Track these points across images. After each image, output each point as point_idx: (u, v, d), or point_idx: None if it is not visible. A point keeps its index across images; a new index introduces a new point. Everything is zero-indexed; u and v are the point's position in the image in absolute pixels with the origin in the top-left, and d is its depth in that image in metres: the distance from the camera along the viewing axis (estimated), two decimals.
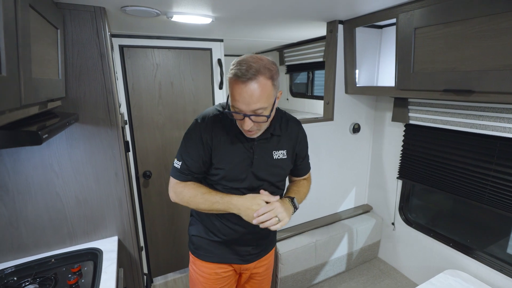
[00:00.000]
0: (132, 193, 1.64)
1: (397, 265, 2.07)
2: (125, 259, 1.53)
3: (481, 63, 1.08)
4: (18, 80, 0.65)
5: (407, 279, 1.96)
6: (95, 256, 1.30)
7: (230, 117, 0.99)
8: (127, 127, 2.07)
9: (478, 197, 1.48)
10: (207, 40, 2.21)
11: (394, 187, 2.00)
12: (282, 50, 3.03)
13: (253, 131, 0.99)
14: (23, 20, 0.67)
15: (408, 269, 1.99)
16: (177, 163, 1.08)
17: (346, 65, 1.79)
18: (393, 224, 2.04)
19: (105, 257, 1.28)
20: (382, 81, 1.92)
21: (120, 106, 1.60)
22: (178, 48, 2.14)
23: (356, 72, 1.78)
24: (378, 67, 1.92)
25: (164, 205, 2.34)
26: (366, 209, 2.20)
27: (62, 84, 1.14)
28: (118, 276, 1.22)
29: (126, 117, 2.06)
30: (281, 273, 1.79)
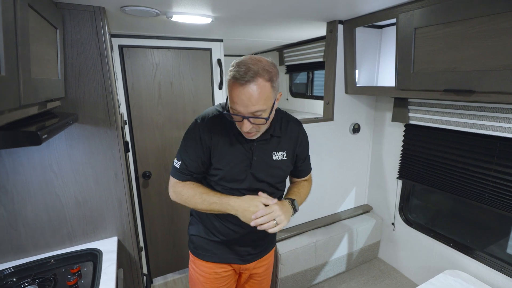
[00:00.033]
0: (131, 193, 1.64)
1: (397, 265, 2.07)
2: (124, 260, 1.53)
3: (481, 63, 1.08)
4: (17, 80, 0.65)
5: (407, 279, 1.96)
6: (94, 256, 1.30)
7: (229, 119, 0.98)
8: (126, 127, 2.06)
9: (478, 197, 1.48)
10: (207, 40, 2.21)
11: (394, 187, 2.00)
12: (282, 50, 3.03)
13: (252, 133, 0.99)
14: (22, 20, 0.67)
15: (408, 269, 1.99)
16: (177, 163, 1.08)
17: (346, 65, 1.78)
18: (393, 224, 2.04)
19: (104, 258, 1.28)
20: (382, 81, 1.92)
21: (119, 106, 1.59)
22: (178, 48, 2.14)
23: (356, 72, 1.78)
24: (378, 67, 1.92)
25: (163, 206, 2.34)
26: (366, 209, 2.19)
27: (62, 84, 1.14)
28: (117, 276, 1.22)
29: (125, 117, 2.06)
30: (281, 274, 1.78)
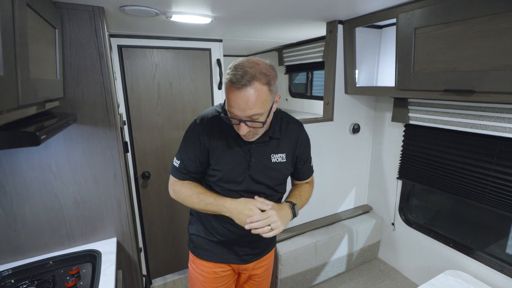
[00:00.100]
0: (131, 194, 1.63)
1: (397, 266, 2.07)
2: (124, 261, 1.52)
3: (481, 63, 1.08)
4: (16, 80, 0.64)
5: (407, 280, 1.95)
6: (93, 258, 1.29)
7: (227, 122, 0.98)
8: (125, 127, 2.05)
9: (478, 197, 1.48)
10: (206, 40, 2.21)
11: (394, 187, 2.00)
12: (281, 50, 3.03)
13: (249, 136, 0.99)
14: (20, 19, 0.66)
15: (408, 270, 1.99)
16: (176, 162, 1.09)
17: (345, 65, 1.78)
18: (393, 224, 2.04)
19: (103, 259, 1.27)
20: (381, 81, 1.92)
21: (118, 106, 1.59)
22: (177, 48, 2.13)
23: (356, 72, 1.77)
24: (378, 67, 1.92)
25: (163, 206, 2.33)
26: (366, 210, 2.19)
27: (60, 84, 1.13)
28: (117, 278, 1.21)
29: (124, 118, 2.05)
30: (281, 274, 1.78)
